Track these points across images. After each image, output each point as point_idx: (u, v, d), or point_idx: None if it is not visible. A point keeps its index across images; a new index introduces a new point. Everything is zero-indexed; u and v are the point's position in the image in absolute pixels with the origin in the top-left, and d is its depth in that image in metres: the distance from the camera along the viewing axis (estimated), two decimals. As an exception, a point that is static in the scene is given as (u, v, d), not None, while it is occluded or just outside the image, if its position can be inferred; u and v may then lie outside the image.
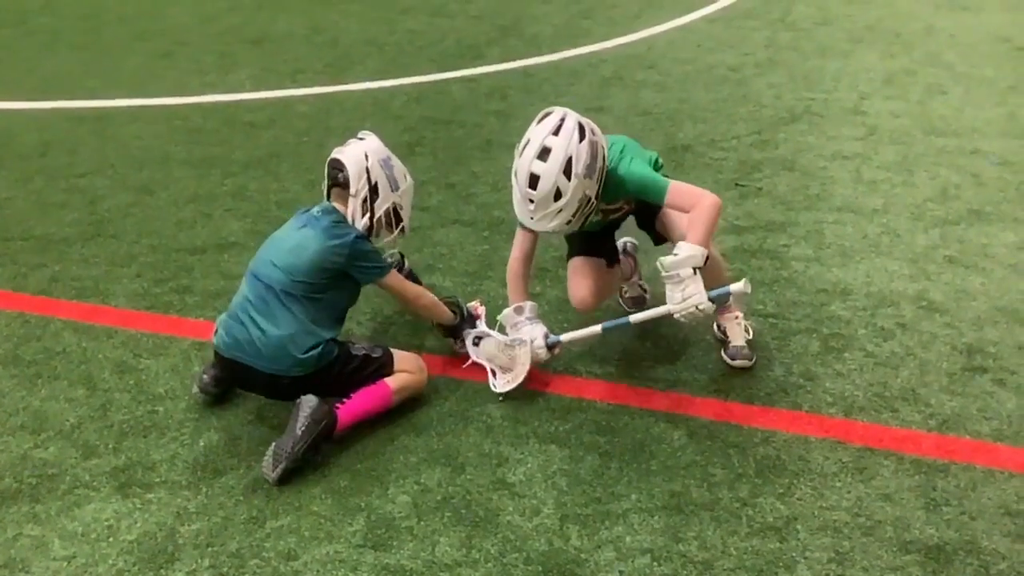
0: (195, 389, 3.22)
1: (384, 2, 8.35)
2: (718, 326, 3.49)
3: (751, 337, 3.44)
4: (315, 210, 3.19)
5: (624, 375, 3.36)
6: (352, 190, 3.18)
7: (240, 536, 2.70)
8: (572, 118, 3.07)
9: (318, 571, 2.58)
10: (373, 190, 3.20)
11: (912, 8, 7.67)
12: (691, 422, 3.11)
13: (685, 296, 2.99)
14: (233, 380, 3.17)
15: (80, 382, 3.39)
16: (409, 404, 3.22)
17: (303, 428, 2.88)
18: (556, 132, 3.02)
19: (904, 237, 4.22)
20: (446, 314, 3.37)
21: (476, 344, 3.33)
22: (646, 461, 2.95)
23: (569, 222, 3.09)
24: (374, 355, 3.13)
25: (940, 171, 4.84)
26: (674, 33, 7.26)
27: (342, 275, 3.10)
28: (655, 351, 3.49)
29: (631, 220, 3.51)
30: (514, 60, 6.71)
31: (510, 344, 3.27)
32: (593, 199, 3.10)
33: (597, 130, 3.13)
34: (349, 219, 3.17)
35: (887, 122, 5.46)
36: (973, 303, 3.72)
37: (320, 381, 3.03)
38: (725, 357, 3.39)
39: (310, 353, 2.99)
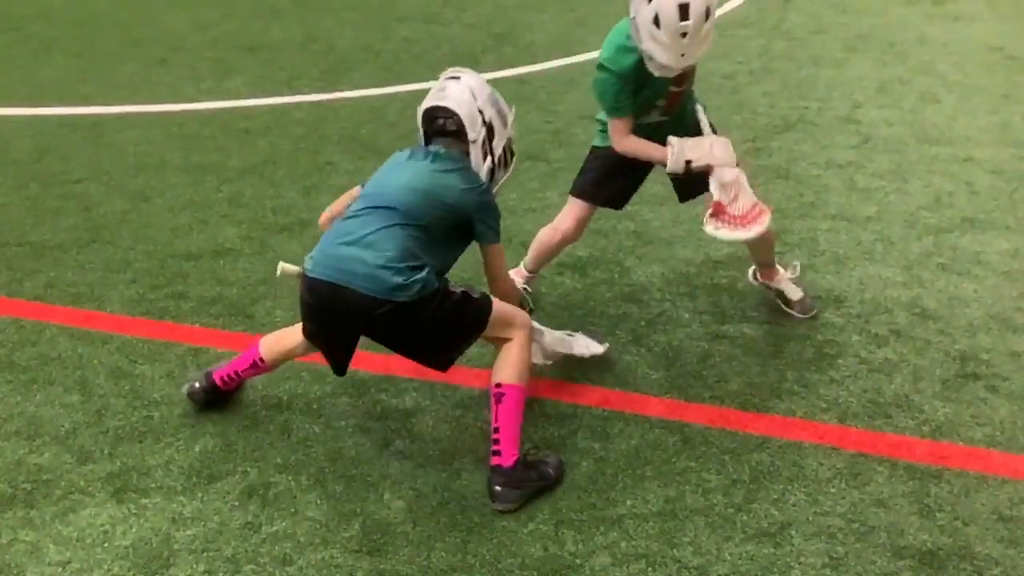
0: (184, 389, 3.23)
1: (379, 10, 8.37)
2: (773, 290, 3.73)
3: (800, 282, 3.74)
4: (432, 149, 2.96)
5: (619, 381, 3.37)
6: (471, 136, 2.95)
7: (235, 541, 2.70)
8: None
9: (313, 576, 2.59)
10: (489, 131, 2.98)
11: (905, 17, 7.71)
12: (686, 428, 3.12)
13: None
14: (321, 314, 2.86)
15: (75, 388, 3.39)
16: (405, 409, 3.22)
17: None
18: None
19: (898, 245, 4.24)
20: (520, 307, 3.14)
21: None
22: (641, 467, 2.95)
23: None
24: (474, 295, 2.88)
25: (933, 179, 4.86)
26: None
27: (457, 224, 2.89)
28: (650, 357, 3.50)
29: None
30: (509, 68, 6.72)
31: (568, 335, 3.30)
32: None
33: None
34: (473, 166, 2.97)
35: (881, 130, 5.48)
36: (966, 310, 3.73)
37: (416, 318, 2.76)
38: (796, 314, 3.69)
39: (413, 278, 2.71)
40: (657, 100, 3.32)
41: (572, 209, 3.57)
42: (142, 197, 4.91)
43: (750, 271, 3.82)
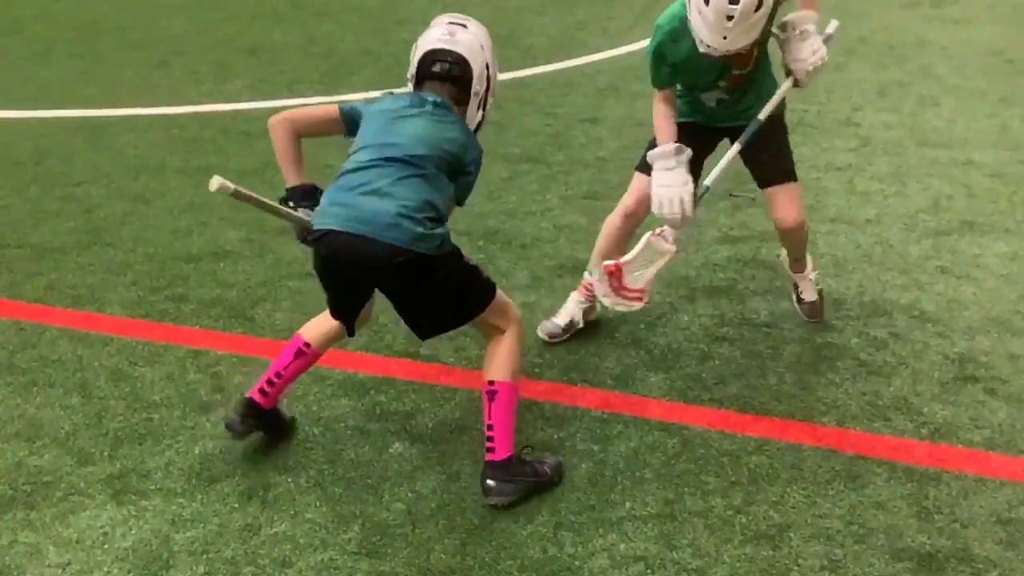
0: (227, 427, 2.96)
1: (380, 13, 8.38)
2: (792, 281, 3.74)
3: (821, 288, 3.74)
4: (431, 98, 2.87)
5: (618, 384, 3.37)
6: (475, 87, 2.88)
7: (235, 543, 2.71)
8: None
9: (313, 578, 2.59)
10: (488, 86, 2.94)
11: (904, 21, 7.72)
12: (685, 430, 3.12)
13: (813, 49, 3.22)
14: (338, 267, 2.77)
15: (75, 390, 3.40)
16: (404, 411, 3.23)
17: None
18: None
19: (897, 247, 4.25)
20: None
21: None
22: (640, 469, 2.96)
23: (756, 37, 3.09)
24: (484, 273, 2.86)
25: (932, 182, 4.87)
26: (668, 44, 7.29)
27: (450, 175, 2.83)
28: (649, 360, 3.51)
29: None
30: (510, 71, 6.73)
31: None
32: (773, 3, 3.09)
33: None
34: (467, 118, 2.92)
35: (880, 133, 5.49)
36: (965, 313, 3.74)
37: (431, 274, 2.70)
38: (801, 313, 3.72)
39: (434, 231, 2.67)
40: (718, 80, 3.30)
41: (634, 183, 3.48)
42: (142, 199, 4.91)
43: (781, 251, 3.76)
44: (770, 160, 3.38)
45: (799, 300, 3.73)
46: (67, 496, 2.89)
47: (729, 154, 3.26)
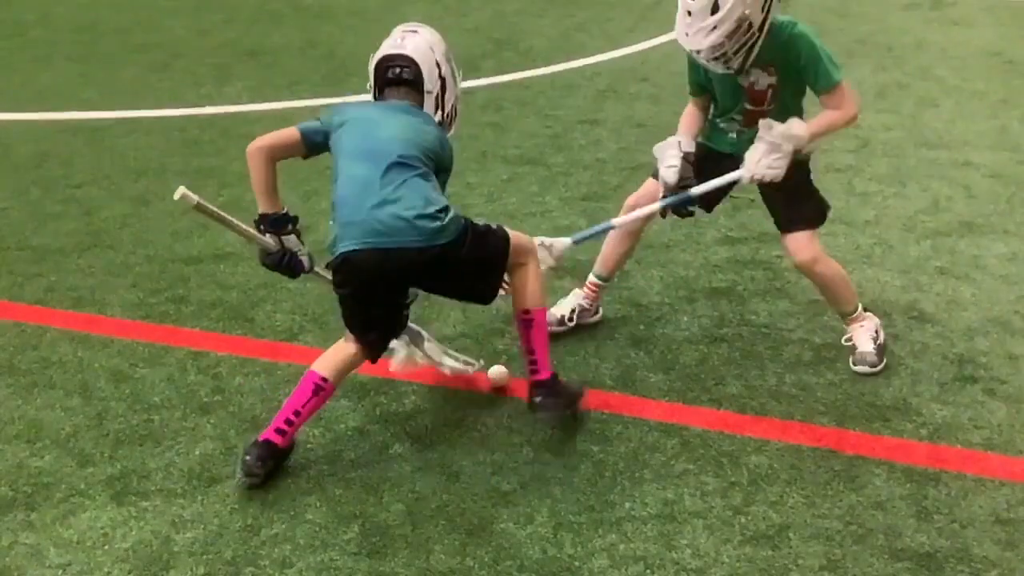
0: (239, 475, 2.88)
1: (379, 15, 8.39)
2: (846, 337, 3.47)
3: (881, 341, 3.43)
4: (401, 104, 3.02)
5: (617, 384, 3.38)
6: (427, 86, 3.01)
7: (235, 544, 2.71)
8: None
9: (313, 579, 2.60)
10: (443, 86, 3.05)
11: (903, 22, 7.73)
12: (684, 431, 3.13)
13: (771, 166, 3.10)
14: (371, 285, 2.87)
15: (76, 391, 3.40)
16: (404, 412, 3.24)
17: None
18: None
19: (896, 248, 4.25)
20: None
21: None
22: (639, 469, 2.96)
23: (723, 47, 3.05)
24: (492, 225, 3.03)
25: (932, 183, 4.88)
26: (668, 46, 7.29)
27: (436, 172, 2.96)
28: (648, 360, 3.51)
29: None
30: (509, 73, 6.74)
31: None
32: (755, 29, 3.05)
33: None
34: None
35: (879, 135, 5.50)
36: (964, 313, 3.74)
37: (458, 256, 2.84)
38: (851, 364, 3.41)
39: (446, 219, 2.80)
40: (731, 109, 3.33)
41: (646, 184, 3.53)
42: (143, 201, 4.92)
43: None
44: (784, 207, 3.38)
45: (852, 351, 3.43)
46: (68, 497, 2.90)
47: (725, 178, 3.26)
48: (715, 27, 3.02)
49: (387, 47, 3.09)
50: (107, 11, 8.83)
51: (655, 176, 3.41)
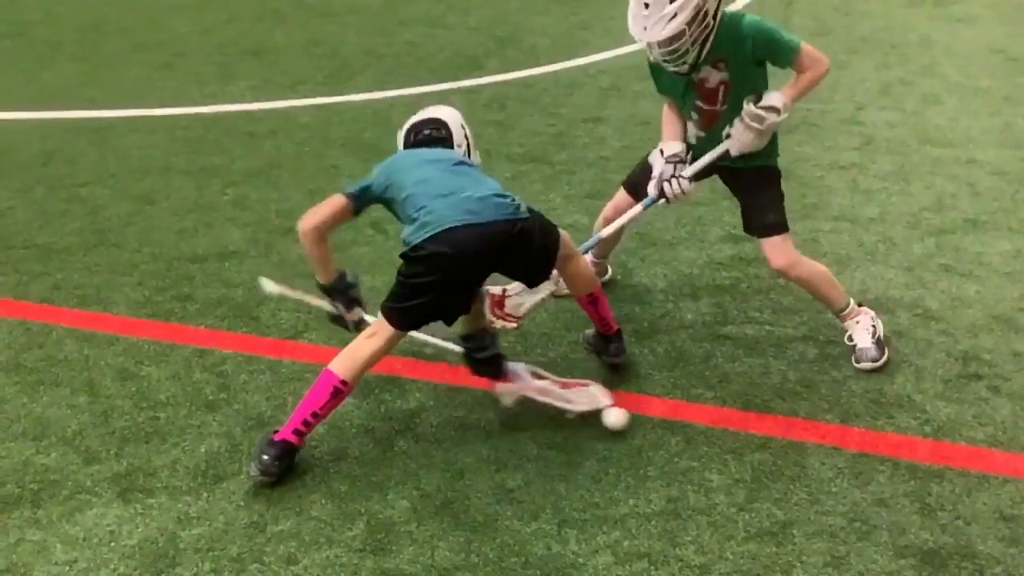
0: (254, 472, 2.90)
1: (382, 14, 8.39)
2: (847, 335, 3.46)
3: (879, 334, 3.44)
4: (449, 154, 3.21)
5: (621, 381, 3.38)
6: (457, 141, 3.27)
7: (241, 541, 2.72)
8: None
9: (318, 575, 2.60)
10: (468, 148, 3.31)
11: (907, 20, 7.71)
12: (688, 428, 3.13)
13: (755, 136, 3.17)
14: (460, 260, 2.90)
15: (82, 389, 3.42)
16: (409, 409, 3.25)
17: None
18: None
19: (900, 246, 4.25)
20: None
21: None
22: (643, 467, 2.97)
23: (683, 36, 3.03)
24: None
25: (936, 180, 4.87)
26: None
27: None
28: (652, 358, 3.52)
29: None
30: (512, 71, 6.74)
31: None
32: (710, 19, 3.05)
33: None
34: None
35: (883, 132, 5.49)
36: (968, 311, 3.74)
37: (532, 235, 2.98)
38: (853, 363, 3.41)
39: (516, 200, 3.00)
40: (685, 105, 3.35)
41: (616, 195, 3.67)
42: (147, 200, 4.93)
43: None
44: (755, 214, 3.43)
45: (852, 347, 3.44)
46: (74, 494, 2.91)
47: (713, 152, 3.33)
48: (675, 15, 3.01)
49: (415, 117, 3.32)
50: (110, 10, 8.83)
51: (625, 186, 3.58)
